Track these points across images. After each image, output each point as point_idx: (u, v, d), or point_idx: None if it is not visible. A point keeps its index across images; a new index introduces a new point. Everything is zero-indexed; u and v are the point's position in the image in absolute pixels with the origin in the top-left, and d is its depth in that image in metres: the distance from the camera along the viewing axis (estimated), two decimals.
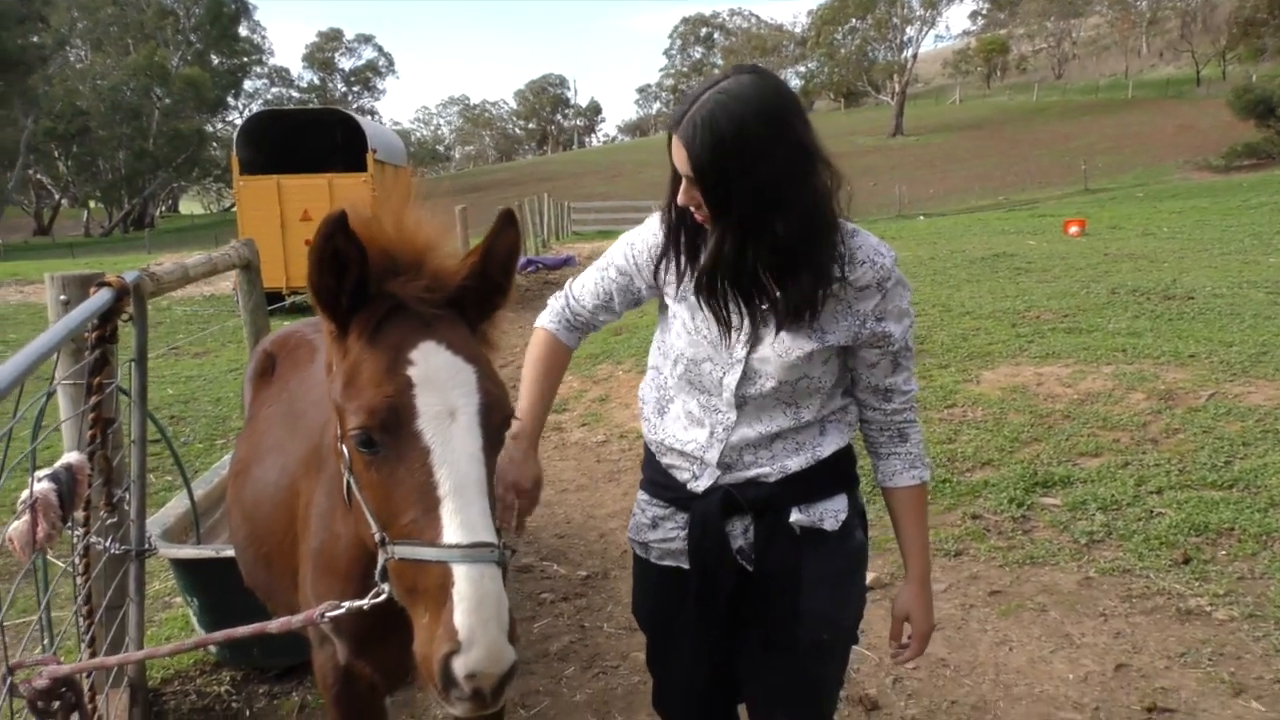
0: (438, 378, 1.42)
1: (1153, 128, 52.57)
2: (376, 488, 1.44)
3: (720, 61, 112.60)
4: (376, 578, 1.46)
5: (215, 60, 75.55)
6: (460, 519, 1.34)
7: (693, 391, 2.03)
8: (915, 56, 75.87)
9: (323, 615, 1.52)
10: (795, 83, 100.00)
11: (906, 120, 69.95)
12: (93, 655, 2.18)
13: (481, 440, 1.42)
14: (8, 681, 1.47)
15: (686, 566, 2.07)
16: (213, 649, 3.50)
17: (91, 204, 73.69)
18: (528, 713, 3.42)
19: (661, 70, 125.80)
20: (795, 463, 1.99)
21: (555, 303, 2.24)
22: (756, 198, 1.75)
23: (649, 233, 2.05)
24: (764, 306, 1.90)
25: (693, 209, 1.86)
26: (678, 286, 2.00)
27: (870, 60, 79.36)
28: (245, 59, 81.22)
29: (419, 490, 1.37)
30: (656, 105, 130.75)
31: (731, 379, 1.95)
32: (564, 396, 7.92)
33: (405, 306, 1.49)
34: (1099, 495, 4.77)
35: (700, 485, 2.03)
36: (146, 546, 2.66)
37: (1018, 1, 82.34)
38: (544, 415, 2.10)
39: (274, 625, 1.55)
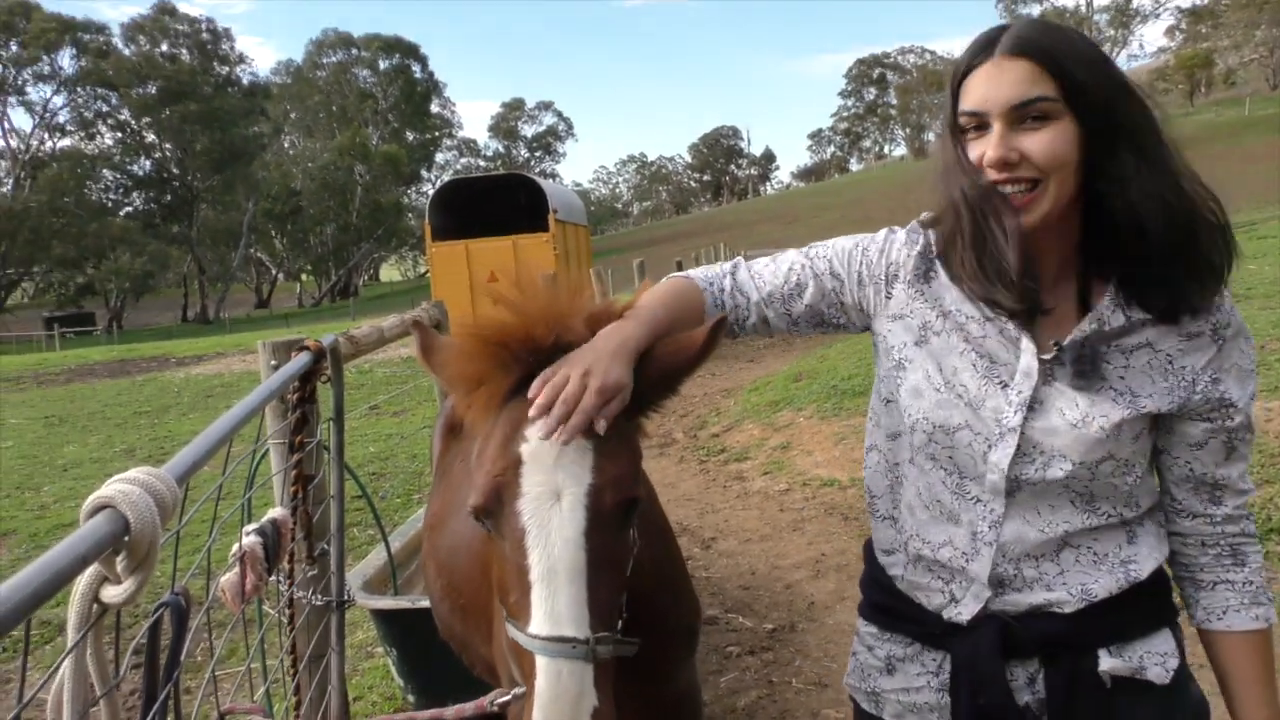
0: (548, 456, 1.33)
1: None
2: (494, 563, 1.41)
3: (895, 100, 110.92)
4: None
5: (410, 136, 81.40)
6: (546, 608, 1.27)
7: (937, 469, 1.49)
8: None
9: (493, 703, 1.51)
10: None
11: None
12: (299, 703, 2.29)
13: (584, 524, 1.30)
14: None
15: None
16: (411, 698, 3.62)
17: (304, 277, 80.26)
18: None
19: (834, 114, 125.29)
20: (1102, 584, 1.43)
21: (712, 270, 1.67)
22: (1135, 111, 1.33)
23: (891, 245, 1.55)
24: (1049, 355, 1.40)
25: (1000, 177, 1.34)
26: (917, 328, 1.50)
27: None
28: (436, 133, 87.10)
29: (518, 572, 1.31)
30: (830, 149, 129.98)
31: (1001, 455, 1.41)
32: (744, 445, 7.85)
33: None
34: None
35: (963, 613, 1.48)
36: (346, 598, 2.79)
37: (1221, 12, 76.98)
38: (657, 329, 1.48)
39: (449, 713, 1.56)
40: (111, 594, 1.05)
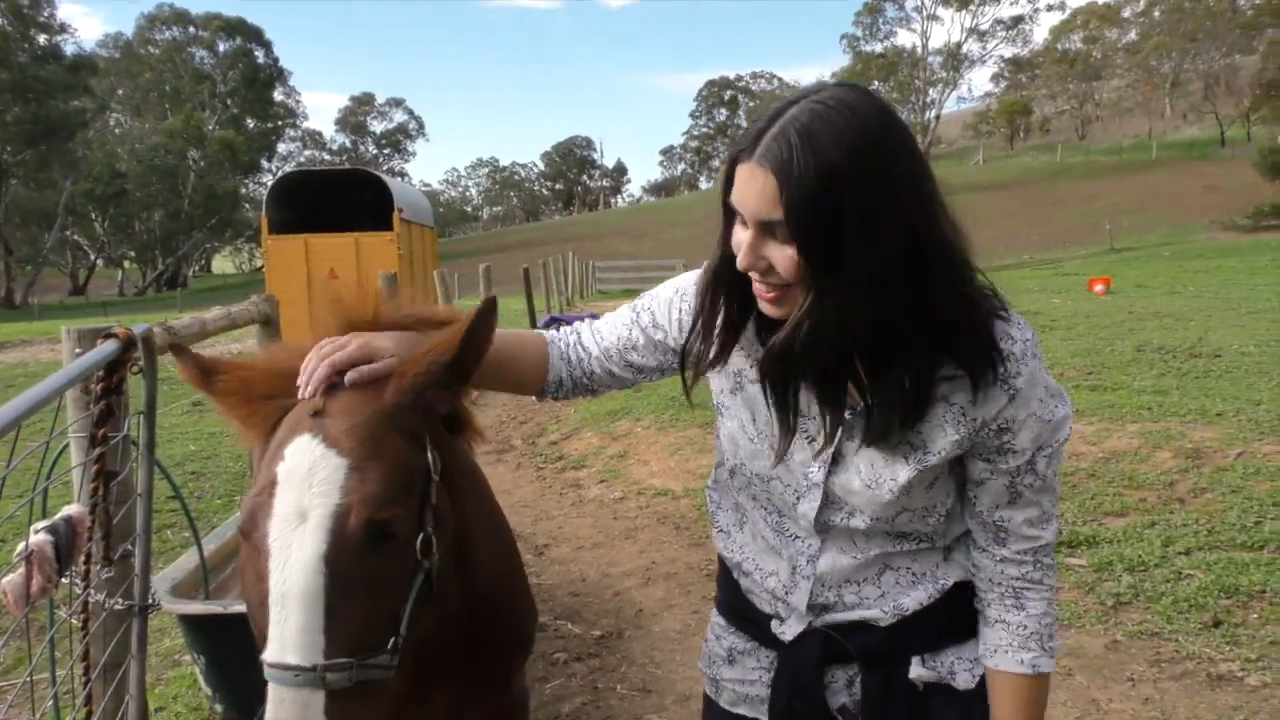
0: (298, 474, 1.28)
1: (1178, 188, 52.53)
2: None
3: (744, 123, 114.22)
4: None
5: (250, 124, 77.71)
6: (275, 633, 1.23)
7: (758, 508, 1.57)
8: (938, 118, 76.70)
9: None
10: None
11: None
12: (89, 713, 2.15)
13: (325, 547, 1.24)
14: None
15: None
16: (219, 707, 3.45)
17: (126, 264, 75.34)
18: None
19: (685, 133, 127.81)
20: (913, 599, 1.50)
21: (564, 329, 1.71)
22: (873, 248, 1.23)
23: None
24: (849, 413, 1.41)
25: (754, 276, 1.32)
26: (733, 375, 1.50)
27: None
28: (279, 123, 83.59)
29: (262, 596, 1.28)
30: (681, 166, 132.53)
31: (808, 507, 1.48)
32: (582, 453, 7.89)
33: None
34: (1125, 556, 4.65)
35: (787, 633, 1.56)
36: (150, 602, 2.64)
37: (1039, 65, 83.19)
38: None
39: None
40: None
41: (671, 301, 1.58)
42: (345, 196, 19.43)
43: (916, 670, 1.51)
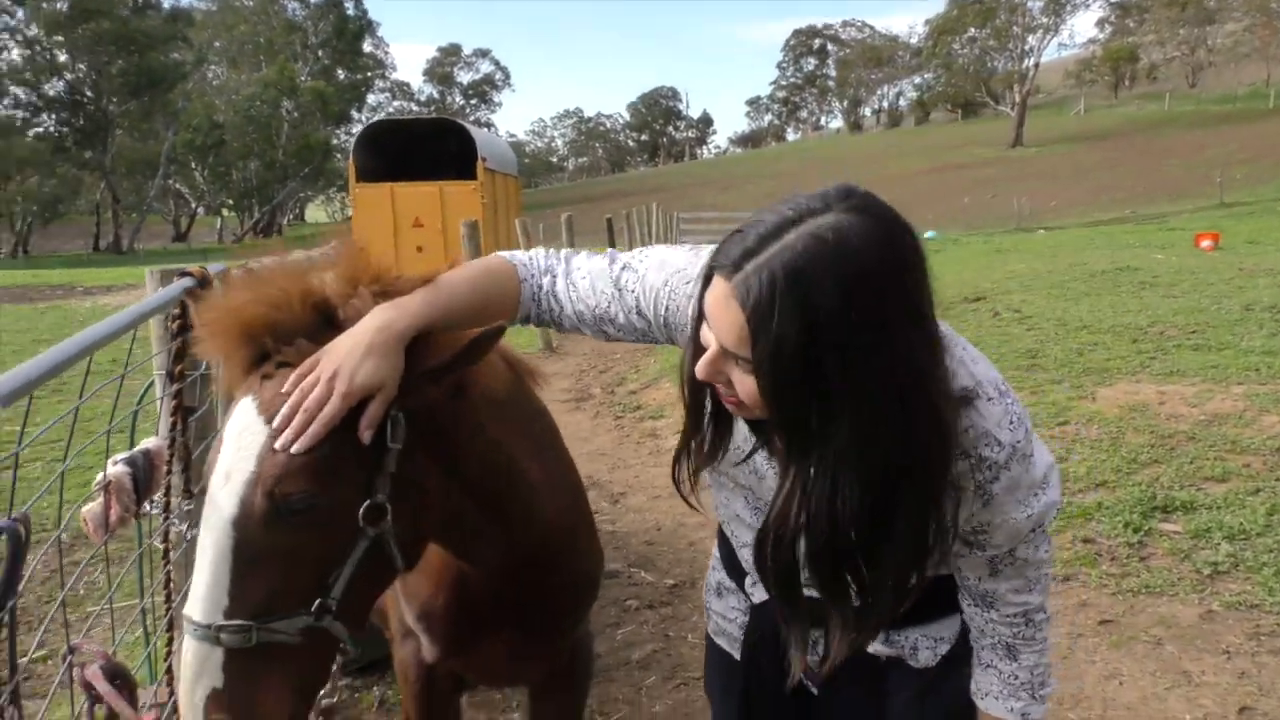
0: (232, 435, 1.31)
1: None
2: None
3: (834, 74, 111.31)
4: None
5: (341, 75, 78.87)
6: (192, 588, 1.28)
7: (739, 487, 1.55)
8: (1037, 66, 73.44)
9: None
10: (911, 94, 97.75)
11: (1027, 131, 67.81)
12: (171, 639, 2.21)
13: (236, 511, 1.26)
14: (67, 661, 1.49)
15: (737, 657, 1.71)
16: None
17: (225, 212, 77.62)
18: None
19: (772, 83, 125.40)
20: None
21: (538, 260, 1.55)
22: (861, 416, 1.14)
23: (693, 287, 1.40)
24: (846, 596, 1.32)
25: (718, 386, 1.27)
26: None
27: (989, 70, 77.25)
28: (368, 74, 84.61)
29: None
30: (768, 117, 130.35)
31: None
32: (660, 403, 7.87)
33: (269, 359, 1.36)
34: (1225, 523, 4.43)
35: (755, 596, 1.63)
36: None
37: (1148, 8, 78.92)
38: (449, 311, 1.39)
39: None
40: None
41: (659, 295, 1.46)
42: (431, 146, 19.61)
43: (874, 645, 1.54)
